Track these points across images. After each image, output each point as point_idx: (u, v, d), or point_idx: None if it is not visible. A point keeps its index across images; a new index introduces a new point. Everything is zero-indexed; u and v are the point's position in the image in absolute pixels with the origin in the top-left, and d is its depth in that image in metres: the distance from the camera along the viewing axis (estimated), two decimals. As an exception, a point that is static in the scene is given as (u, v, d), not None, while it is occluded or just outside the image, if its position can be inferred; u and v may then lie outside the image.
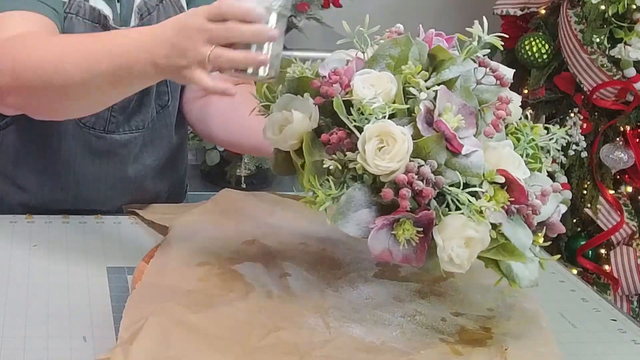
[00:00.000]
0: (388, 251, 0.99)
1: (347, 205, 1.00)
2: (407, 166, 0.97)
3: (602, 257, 2.53)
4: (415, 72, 1.02)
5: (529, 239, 1.02)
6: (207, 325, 1.00)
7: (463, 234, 0.97)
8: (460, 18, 3.61)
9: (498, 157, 1.02)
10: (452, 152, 0.99)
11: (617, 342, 1.14)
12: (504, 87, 1.06)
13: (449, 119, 0.99)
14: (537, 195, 1.03)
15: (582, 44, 2.38)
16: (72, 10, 1.35)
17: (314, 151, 1.03)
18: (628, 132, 2.42)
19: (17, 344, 1.02)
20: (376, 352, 0.99)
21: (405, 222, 0.98)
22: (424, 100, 1.00)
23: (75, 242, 1.31)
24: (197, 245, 1.22)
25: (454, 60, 1.05)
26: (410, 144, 0.98)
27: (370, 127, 0.98)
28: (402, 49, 1.06)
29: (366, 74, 1.03)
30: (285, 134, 1.05)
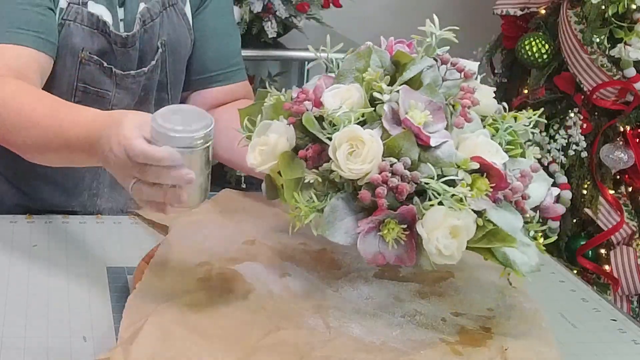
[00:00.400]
0: (380, 254, 1.00)
1: (332, 215, 1.02)
2: (380, 166, 0.99)
3: (602, 257, 2.52)
4: (377, 77, 1.05)
5: (519, 222, 1.03)
6: (207, 325, 1.00)
7: (446, 223, 0.98)
8: (460, 18, 3.62)
9: (473, 146, 1.03)
10: (423, 146, 1.01)
11: (617, 342, 1.14)
12: (468, 78, 1.08)
13: (415, 116, 1.01)
14: (517, 177, 1.04)
15: (582, 44, 2.38)
16: (70, 17, 1.35)
17: (294, 169, 1.05)
18: (628, 132, 2.42)
19: (17, 344, 1.02)
20: (376, 352, 0.99)
21: (389, 222, 0.99)
22: (387, 102, 1.03)
23: (75, 242, 1.31)
24: (197, 245, 1.22)
25: (414, 60, 1.07)
26: (379, 144, 1.00)
27: (338, 134, 1.01)
28: (366, 60, 1.08)
29: (335, 89, 1.06)
30: (264, 157, 1.08)
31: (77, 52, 1.36)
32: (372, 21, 3.23)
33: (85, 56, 1.37)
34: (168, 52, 1.45)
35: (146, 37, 1.41)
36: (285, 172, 1.05)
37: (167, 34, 1.44)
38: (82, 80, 1.38)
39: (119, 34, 1.38)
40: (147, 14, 1.41)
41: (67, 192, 1.46)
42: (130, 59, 1.40)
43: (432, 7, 3.81)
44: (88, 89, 1.39)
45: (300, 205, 1.02)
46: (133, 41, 1.39)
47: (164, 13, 1.43)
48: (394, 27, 3.32)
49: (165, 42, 1.44)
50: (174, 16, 1.45)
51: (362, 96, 1.05)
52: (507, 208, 1.03)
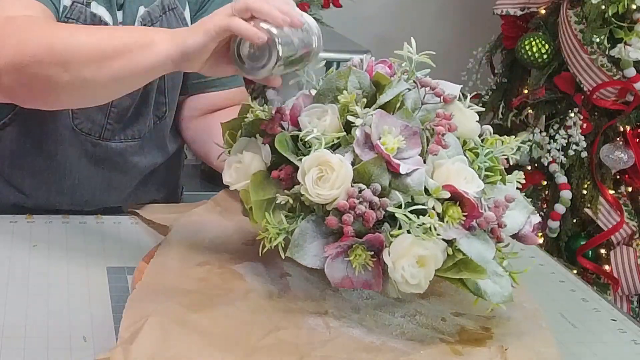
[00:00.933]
0: (348, 278, 1.01)
1: (301, 237, 1.02)
2: (348, 192, 0.99)
3: (602, 257, 2.53)
4: (352, 100, 1.04)
5: (490, 252, 1.02)
6: (207, 325, 1.00)
7: (412, 252, 0.97)
8: (460, 18, 3.64)
9: (447, 173, 1.02)
10: (394, 173, 1.00)
11: (617, 342, 1.14)
12: (448, 103, 1.07)
13: (387, 142, 1.00)
14: (491, 207, 1.02)
15: (582, 44, 2.38)
16: (73, 16, 1.34)
17: (266, 189, 1.05)
18: (628, 132, 2.42)
19: (17, 344, 1.02)
20: (376, 352, 0.99)
21: (357, 248, 0.99)
22: (360, 126, 1.02)
23: (75, 242, 1.31)
24: (198, 245, 1.22)
25: (391, 83, 1.07)
26: (348, 170, 1.00)
27: (308, 158, 1.01)
28: (346, 79, 1.08)
29: (313, 108, 1.06)
30: (238, 175, 1.08)
31: None
32: (372, 21, 3.24)
33: None
34: None
35: None
36: (254, 193, 1.04)
37: None
38: None
39: None
40: (148, 17, 1.41)
41: (62, 192, 1.46)
42: None
43: (432, 7, 3.84)
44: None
45: (269, 227, 1.02)
46: None
47: (163, 17, 1.43)
48: (394, 27, 3.33)
49: None
50: (173, 20, 1.44)
51: (337, 118, 1.04)
52: (481, 236, 1.02)
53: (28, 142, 1.42)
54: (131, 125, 1.44)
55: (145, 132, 1.46)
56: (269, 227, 1.03)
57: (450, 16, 3.33)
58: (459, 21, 3.32)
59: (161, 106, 1.48)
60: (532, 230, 1.10)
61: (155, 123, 1.48)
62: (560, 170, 2.48)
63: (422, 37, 3.82)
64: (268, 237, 1.03)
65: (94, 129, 1.41)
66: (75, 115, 1.39)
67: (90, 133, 1.41)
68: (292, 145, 1.05)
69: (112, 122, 1.42)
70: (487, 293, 1.02)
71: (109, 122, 1.41)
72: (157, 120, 1.48)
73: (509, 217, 1.06)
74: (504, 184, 1.09)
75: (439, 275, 1.00)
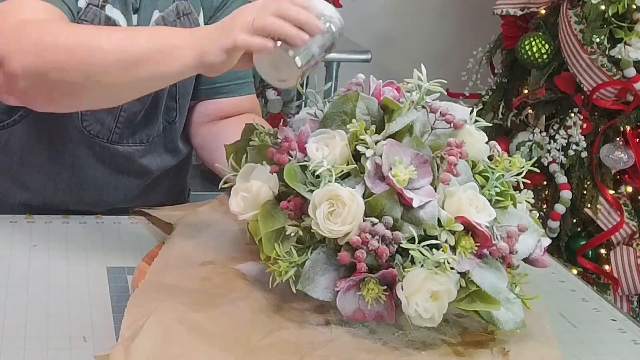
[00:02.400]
0: (360, 310, 1.00)
1: (312, 270, 1.01)
2: (360, 226, 0.97)
3: (602, 257, 2.52)
4: (361, 129, 1.02)
5: (503, 282, 1.01)
6: (208, 324, 1.00)
7: (426, 287, 0.96)
8: (460, 18, 3.63)
9: (458, 203, 1.01)
10: (406, 205, 0.99)
11: (617, 342, 1.14)
12: (457, 129, 1.06)
13: (399, 173, 0.99)
14: (504, 237, 1.02)
15: (582, 44, 2.38)
16: (87, 18, 1.33)
17: (275, 220, 1.03)
18: (628, 132, 2.42)
19: (17, 344, 1.02)
20: (377, 352, 0.99)
21: (369, 282, 0.98)
22: (371, 157, 1.01)
23: (75, 242, 1.31)
24: (201, 244, 1.21)
25: (400, 111, 1.05)
26: (360, 204, 0.98)
27: (319, 192, 0.99)
28: (353, 103, 1.06)
29: (320, 134, 1.04)
30: (246, 205, 1.06)
31: None
32: (372, 21, 3.23)
33: None
34: None
35: None
36: (264, 225, 1.03)
37: None
38: None
39: None
40: (162, 22, 1.40)
41: (69, 191, 1.45)
42: None
43: (432, 7, 3.83)
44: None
45: (280, 261, 1.01)
46: None
47: (177, 22, 1.42)
48: (394, 27, 3.33)
49: None
50: (187, 25, 1.44)
51: (346, 146, 1.03)
52: (492, 264, 1.02)
53: (37, 140, 1.42)
54: (140, 129, 1.44)
55: (154, 137, 1.46)
56: (279, 260, 1.01)
57: (450, 16, 3.33)
58: (459, 21, 3.32)
59: (171, 111, 1.47)
60: (542, 254, 1.10)
61: (165, 128, 1.48)
62: (560, 170, 2.48)
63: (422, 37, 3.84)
64: (278, 270, 1.01)
65: (102, 132, 1.41)
66: (84, 117, 1.39)
67: (99, 135, 1.42)
68: (300, 174, 1.03)
69: (121, 126, 1.42)
70: (500, 321, 1.01)
71: (117, 125, 1.42)
72: (167, 125, 1.48)
73: (520, 241, 1.05)
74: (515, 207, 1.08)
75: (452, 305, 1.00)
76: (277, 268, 1.01)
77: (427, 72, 1.12)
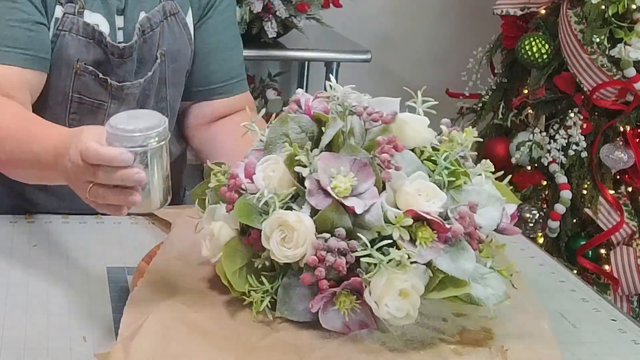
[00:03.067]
0: (345, 325, 1.01)
1: (286, 294, 1.02)
2: (314, 245, 0.99)
3: (602, 257, 2.52)
4: (295, 151, 1.03)
5: (470, 262, 1.01)
6: (207, 324, 1.00)
7: (392, 288, 0.97)
8: (460, 18, 3.63)
9: (405, 197, 1.01)
10: (353, 213, 1.00)
11: (617, 342, 1.14)
12: (387, 124, 1.05)
13: (338, 184, 0.99)
14: (457, 218, 1.02)
15: (582, 44, 2.38)
16: (65, 27, 1.34)
17: (241, 256, 1.04)
18: (628, 132, 2.42)
19: (17, 344, 1.02)
20: (376, 352, 0.99)
21: (340, 295, 0.99)
22: (308, 175, 1.01)
23: (75, 242, 1.31)
24: (199, 243, 1.21)
25: (328, 123, 1.05)
26: (308, 225, 0.99)
27: (267, 222, 1.00)
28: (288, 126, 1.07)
29: (265, 161, 1.05)
30: (214, 248, 1.07)
31: (72, 63, 1.35)
32: (372, 21, 3.23)
33: (80, 67, 1.36)
34: (167, 62, 1.44)
35: (145, 47, 1.40)
36: (228, 265, 1.03)
37: (167, 44, 1.43)
38: (77, 91, 1.38)
39: (115, 44, 1.37)
40: (147, 23, 1.40)
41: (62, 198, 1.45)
42: (127, 70, 1.39)
43: (432, 7, 3.83)
44: (83, 99, 1.38)
45: (253, 292, 1.02)
46: (130, 52, 1.38)
47: (164, 22, 1.42)
48: (394, 27, 3.33)
49: (165, 52, 1.43)
50: (174, 26, 1.44)
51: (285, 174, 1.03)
52: (459, 245, 1.01)
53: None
54: None
55: None
56: (252, 292, 1.02)
57: (450, 16, 3.33)
58: (459, 21, 3.32)
59: (163, 113, 1.47)
60: (510, 222, 1.10)
61: None
62: (560, 170, 2.48)
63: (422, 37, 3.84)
64: (254, 301, 1.02)
65: None
66: (71, 123, 1.39)
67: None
68: (253, 207, 1.03)
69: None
70: (482, 299, 1.02)
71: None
72: None
73: (483, 215, 1.05)
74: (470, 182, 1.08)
75: (426, 298, 1.00)
76: (252, 299, 1.02)
77: (427, 72, 1.12)
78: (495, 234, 1.09)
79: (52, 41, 1.34)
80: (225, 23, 1.52)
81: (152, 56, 1.42)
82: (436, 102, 1.08)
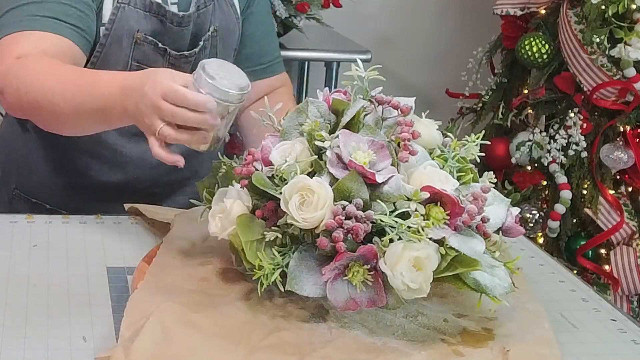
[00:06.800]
0: (351, 300, 1.01)
1: (297, 268, 1.03)
2: (333, 211, 1.01)
3: (602, 257, 2.52)
4: (315, 127, 1.06)
5: (481, 245, 1.04)
6: (208, 325, 1.00)
7: (407, 256, 0.98)
8: (460, 18, 3.63)
9: (421, 177, 1.05)
10: (372, 185, 1.03)
11: (617, 342, 1.14)
12: (405, 113, 1.10)
13: (358, 157, 1.02)
14: (471, 201, 1.05)
15: (582, 44, 2.38)
16: (125, 1, 1.41)
17: (253, 230, 1.06)
18: (628, 132, 2.42)
19: (17, 344, 1.02)
20: (377, 352, 0.99)
21: (353, 265, 1.00)
22: (329, 148, 1.04)
23: (75, 242, 1.31)
24: (199, 243, 1.22)
25: (348, 104, 1.09)
26: (328, 190, 1.01)
27: (287, 186, 1.02)
28: (306, 114, 1.10)
29: (281, 146, 1.08)
30: (223, 224, 1.09)
31: (133, 33, 1.42)
32: (372, 21, 3.23)
33: (141, 37, 1.43)
34: (219, 38, 1.53)
35: (199, 22, 1.48)
36: (243, 234, 1.05)
37: (218, 20, 1.52)
38: (136, 59, 1.45)
39: (176, 12, 1.44)
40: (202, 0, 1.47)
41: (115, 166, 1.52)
42: (184, 39, 1.47)
43: (432, 7, 3.83)
44: (142, 67, 1.43)
45: (264, 264, 1.02)
46: (188, 21, 1.46)
47: (215, 1, 1.51)
48: (394, 27, 3.33)
49: (217, 28, 1.52)
50: (224, 5, 1.53)
51: (306, 147, 1.06)
52: (467, 233, 1.04)
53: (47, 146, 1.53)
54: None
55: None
56: (264, 264, 1.03)
57: (450, 16, 3.33)
58: (459, 21, 3.32)
59: None
60: (514, 221, 1.12)
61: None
62: (560, 170, 2.48)
63: (422, 37, 3.83)
64: (264, 274, 1.03)
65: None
66: None
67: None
68: (268, 182, 1.06)
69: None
70: (488, 287, 1.03)
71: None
72: None
73: (489, 212, 1.08)
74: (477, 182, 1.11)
75: (437, 277, 1.01)
76: (264, 272, 1.03)
77: (427, 72, 1.14)
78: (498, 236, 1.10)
79: (113, 13, 1.41)
80: (267, 8, 1.66)
81: (205, 30, 1.50)
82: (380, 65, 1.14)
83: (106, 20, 1.41)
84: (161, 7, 1.42)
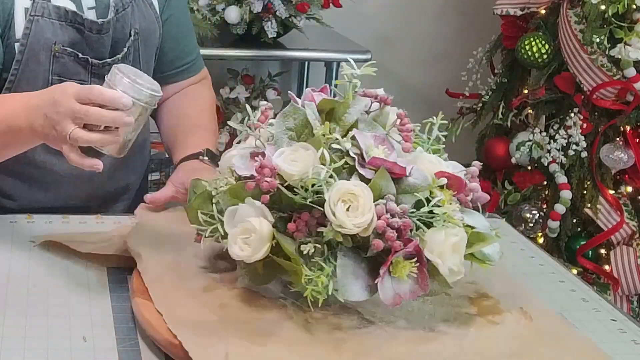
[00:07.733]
0: (397, 295, 1.02)
1: (344, 275, 1.02)
2: (377, 212, 1.01)
3: (602, 257, 2.52)
4: (327, 128, 1.06)
5: (484, 219, 1.09)
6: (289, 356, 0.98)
7: (448, 243, 1.01)
8: (460, 18, 3.62)
9: (426, 164, 1.07)
10: (396, 179, 1.04)
11: (617, 342, 1.14)
12: (389, 104, 1.11)
13: (378, 153, 1.03)
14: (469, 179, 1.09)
15: (582, 44, 2.38)
16: (37, 13, 1.36)
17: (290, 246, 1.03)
18: (628, 132, 2.42)
19: (17, 344, 1.02)
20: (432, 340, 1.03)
21: (398, 261, 1.01)
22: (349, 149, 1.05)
23: (75, 242, 1.31)
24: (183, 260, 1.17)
25: (347, 103, 1.09)
26: (369, 192, 1.01)
27: (330, 194, 1.00)
28: (294, 117, 1.09)
29: (281, 154, 1.05)
30: (254, 244, 1.03)
31: (50, 46, 1.37)
32: (372, 21, 3.23)
33: (59, 49, 1.38)
34: (140, 40, 1.49)
35: (119, 26, 1.44)
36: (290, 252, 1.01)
37: (138, 22, 1.48)
38: (57, 73, 1.40)
39: (94, 20, 1.40)
40: (120, 2, 1.43)
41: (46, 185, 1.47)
42: (104, 46, 1.43)
43: (432, 7, 3.82)
44: (63, 81, 1.37)
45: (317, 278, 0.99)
46: (107, 27, 1.42)
47: (133, 3, 1.46)
48: (394, 27, 3.33)
49: (138, 30, 1.48)
50: (142, 5, 1.49)
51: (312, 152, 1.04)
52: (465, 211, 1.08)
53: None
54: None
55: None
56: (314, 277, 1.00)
57: (450, 16, 3.33)
58: (459, 21, 3.32)
59: None
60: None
61: None
62: (560, 170, 2.48)
63: (422, 37, 3.82)
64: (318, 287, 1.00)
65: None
66: None
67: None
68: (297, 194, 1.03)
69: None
70: (491, 255, 1.08)
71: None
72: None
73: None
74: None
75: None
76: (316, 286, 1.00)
77: (427, 72, 1.14)
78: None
79: (27, 27, 1.36)
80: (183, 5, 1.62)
81: (125, 34, 1.46)
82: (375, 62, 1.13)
83: (20, 35, 1.36)
84: (77, 15, 1.37)
